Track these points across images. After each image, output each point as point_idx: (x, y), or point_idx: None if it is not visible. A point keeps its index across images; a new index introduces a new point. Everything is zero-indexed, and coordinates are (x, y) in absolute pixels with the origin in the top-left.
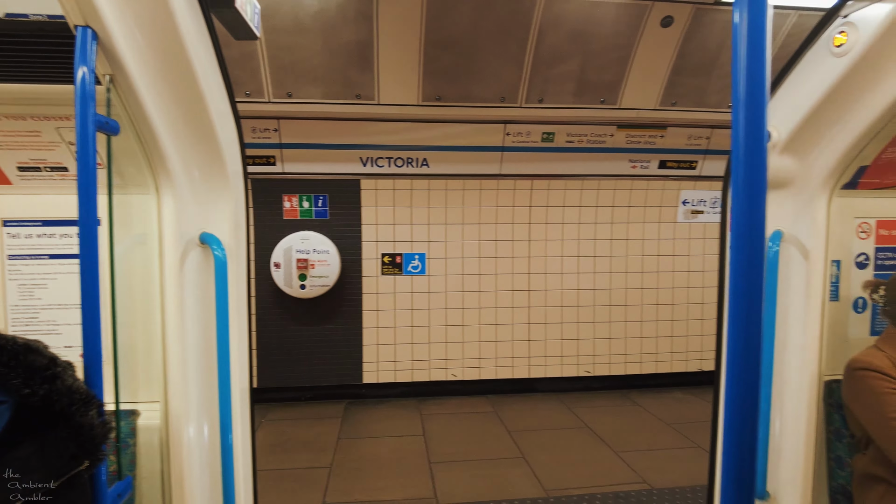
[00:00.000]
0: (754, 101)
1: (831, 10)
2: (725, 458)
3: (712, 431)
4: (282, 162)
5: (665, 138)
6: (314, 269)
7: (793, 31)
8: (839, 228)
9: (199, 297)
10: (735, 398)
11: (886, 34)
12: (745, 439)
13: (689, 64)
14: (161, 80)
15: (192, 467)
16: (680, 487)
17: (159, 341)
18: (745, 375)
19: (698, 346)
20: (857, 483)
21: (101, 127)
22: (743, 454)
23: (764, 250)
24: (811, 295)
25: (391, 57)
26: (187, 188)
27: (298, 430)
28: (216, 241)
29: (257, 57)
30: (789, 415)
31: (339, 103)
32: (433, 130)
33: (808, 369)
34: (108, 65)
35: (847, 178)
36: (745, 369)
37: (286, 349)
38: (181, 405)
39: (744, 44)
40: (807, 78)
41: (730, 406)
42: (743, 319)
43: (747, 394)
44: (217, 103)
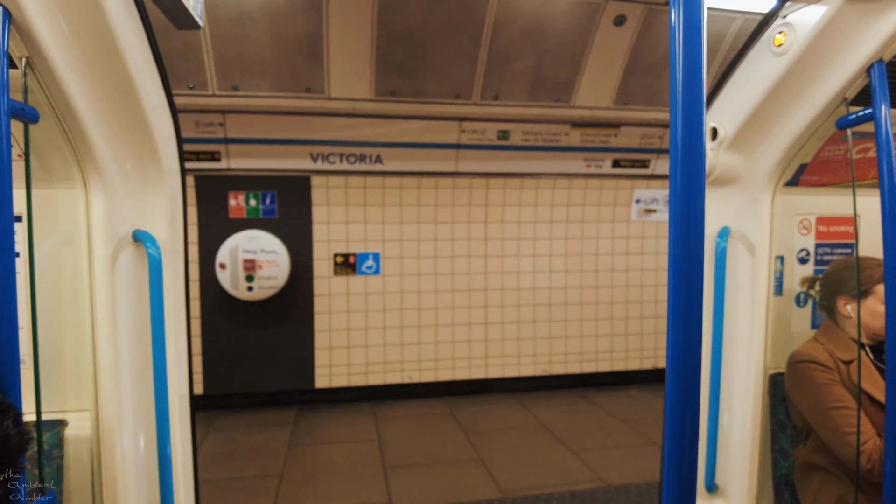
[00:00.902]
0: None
1: (772, 10)
2: (667, 454)
3: (664, 428)
4: (227, 158)
5: (619, 137)
6: (262, 270)
7: (740, 34)
8: (782, 225)
9: (133, 299)
10: (676, 394)
11: (822, 35)
12: (687, 435)
13: (642, 63)
14: (86, 67)
15: (127, 480)
16: (635, 484)
17: (89, 346)
18: (685, 372)
19: (653, 344)
20: (799, 472)
21: (17, 114)
22: (684, 450)
23: (702, 249)
24: (756, 290)
25: (342, 50)
26: (119, 183)
27: (247, 437)
28: (150, 238)
29: (201, 48)
30: (737, 408)
31: (288, 97)
32: (387, 127)
33: (753, 363)
34: (25, 46)
35: (789, 176)
36: (685, 366)
37: (233, 354)
38: (114, 414)
39: (680, 42)
40: (750, 76)
41: (671, 401)
42: (682, 315)
43: (688, 390)
44: (151, 95)
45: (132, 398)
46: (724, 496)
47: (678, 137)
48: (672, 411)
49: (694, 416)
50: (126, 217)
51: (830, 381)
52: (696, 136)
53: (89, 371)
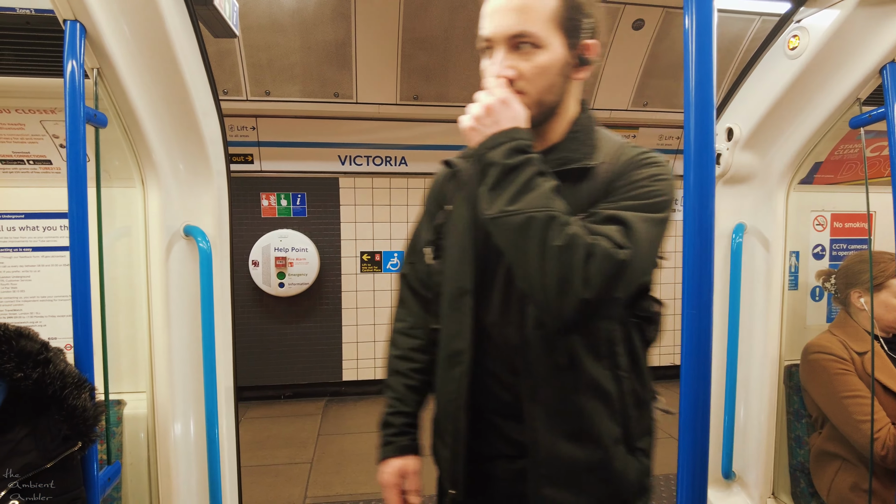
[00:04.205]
0: (703, 100)
1: (786, 14)
2: (682, 446)
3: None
4: (259, 160)
5: (637, 139)
6: (292, 268)
7: (757, 36)
8: (797, 221)
9: (184, 290)
10: (689, 386)
11: (835, 38)
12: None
13: (660, 66)
14: (148, 74)
15: (179, 458)
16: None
17: (145, 332)
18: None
19: (670, 341)
20: (814, 460)
21: (90, 120)
22: (696, 442)
23: (712, 245)
24: (772, 284)
25: (369, 56)
26: (172, 181)
27: (278, 427)
28: (201, 233)
29: (235, 55)
30: (753, 398)
31: (317, 102)
32: (411, 130)
33: (769, 354)
34: (96, 58)
35: (804, 174)
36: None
37: (264, 347)
38: (167, 397)
39: (693, 47)
40: (765, 78)
41: (685, 392)
42: (695, 311)
43: (700, 383)
44: (202, 100)
45: (184, 384)
46: (741, 483)
47: (691, 137)
48: (685, 402)
49: (705, 406)
50: (178, 213)
51: (844, 371)
52: (706, 135)
53: (145, 356)
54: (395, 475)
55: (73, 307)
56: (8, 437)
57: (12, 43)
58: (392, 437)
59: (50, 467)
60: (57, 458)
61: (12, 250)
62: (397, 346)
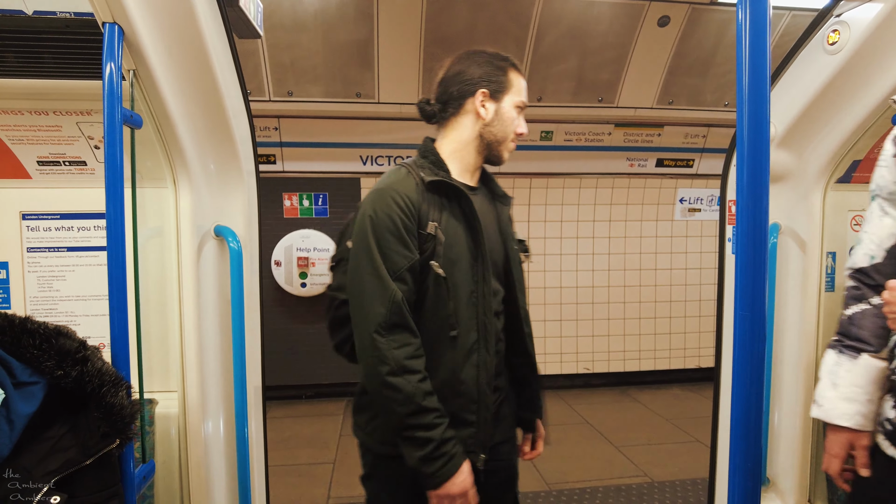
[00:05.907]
0: (758, 96)
1: (825, 8)
2: (732, 450)
3: (713, 425)
4: (282, 160)
5: (662, 137)
6: (315, 268)
7: (787, 31)
8: (834, 221)
9: (215, 290)
10: (741, 390)
11: (876, 33)
12: (751, 431)
13: (686, 63)
14: (182, 75)
15: (210, 457)
16: (680, 480)
17: (177, 331)
18: (750, 369)
19: (696, 343)
20: None
21: (126, 121)
22: (749, 446)
23: (766, 245)
24: (808, 285)
25: (391, 56)
26: (203, 181)
27: (300, 427)
28: (231, 233)
29: (258, 55)
30: (787, 402)
31: (340, 102)
32: (433, 130)
33: (804, 357)
34: (133, 60)
35: (841, 173)
36: (750, 362)
37: (287, 347)
38: (197, 396)
39: (746, 41)
40: (802, 74)
41: (737, 398)
42: (748, 311)
43: (752, 386)
44: (232, 100)
45: (214, 383)
46: (776, 489)
47: (744, 136)
48: (737, 409)
49: (758, 413)
50: (208, 213)
51: None
52: (761, 134)
53: (177, 355)
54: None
55: (110, 306)
56: (49, 433)
57: (51, 46)
58: (455, 448)
59: (89, 464)
60: (96, 455)
61: (48, 250)
62: (415, 370)
